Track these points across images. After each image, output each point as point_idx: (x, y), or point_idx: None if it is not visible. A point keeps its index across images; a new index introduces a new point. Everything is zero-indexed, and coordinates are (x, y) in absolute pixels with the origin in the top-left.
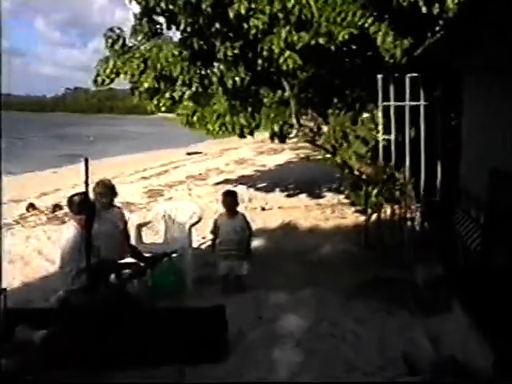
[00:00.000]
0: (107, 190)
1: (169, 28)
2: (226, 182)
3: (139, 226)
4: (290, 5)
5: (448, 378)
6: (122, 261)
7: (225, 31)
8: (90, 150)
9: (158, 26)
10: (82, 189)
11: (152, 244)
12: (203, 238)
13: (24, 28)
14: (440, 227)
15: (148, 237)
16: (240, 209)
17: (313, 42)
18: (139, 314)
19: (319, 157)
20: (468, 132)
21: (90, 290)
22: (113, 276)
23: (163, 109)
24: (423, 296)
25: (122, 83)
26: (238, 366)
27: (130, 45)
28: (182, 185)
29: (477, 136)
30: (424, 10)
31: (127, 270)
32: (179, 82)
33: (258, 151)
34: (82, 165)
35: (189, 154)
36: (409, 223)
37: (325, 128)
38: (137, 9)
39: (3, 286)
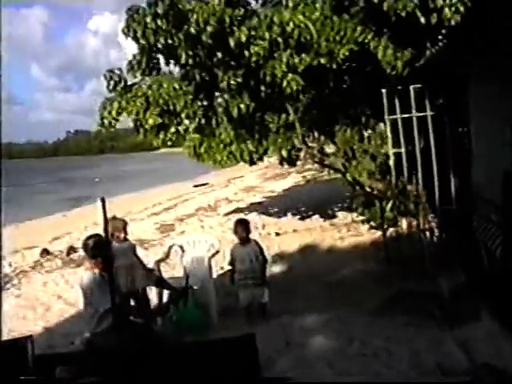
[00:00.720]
0: (120, 224)
1: (167, 63)
2: (237, 210)
3: (158, 262)
4: (289, 29)
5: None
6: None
7: (226, 60)
8: (97, 191)
9: (155, 61)
10: (93, 230)
11: (172, 278)
12: (221, 268)
13: (20, 76)
14: (459, 235)
15: (167, 272)
16: (254, 236)
17: (314, 63)
18: (168, 351)
19: (326, 177)
20: (477, 138)
21: (115, 331)
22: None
23: (169, 143)
24: (449, 307)
25: (123, 122)
26: None
27: (130, 83)
28: (193, 217)
29: (486, 141)
30: (422, 20)
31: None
32: (183, 116)
33: (263, 177)
34: (91, 206)
35: (196, 186)
36: (427, 234)
37: (328, 148)
38: (134, 47)
39: (28, 333)
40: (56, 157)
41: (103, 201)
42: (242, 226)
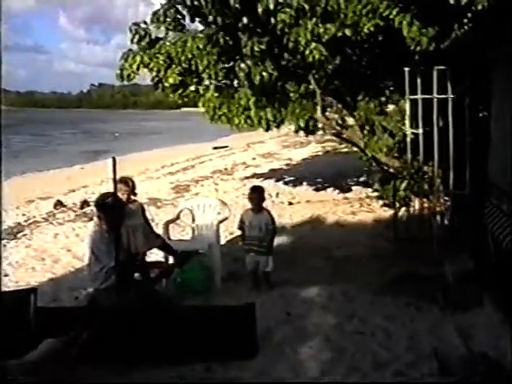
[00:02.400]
0: (127, 185)
1: (192, 21)
2: (253, 176)
3: (167, 223)
4: None
5: (480, 375)
6: (150, 251)
7: (252, 26)
8: (116, 145)
9: (180, 17)
10: (108, 185)
11: (179, 241)
12: (231, 234)
13: (48, 26)
14: (470, 221)
15: (175, 233)
16: (267, 203)
17: (339, 34)
18: (168, 313)
19: (346, 150)
20: (496, 125)
21: (119, 289)
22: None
23: (186, 100)
24: (453, 291)
25: (146, 78)
26: (267, 363)
27: (154, 37)
28: (209, 180)
29: (505, 129)
30: (452, 1)
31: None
32: (205, 76)
33: (283, 145)
34: (109, 162)
35: (215, 148)
36: (438, 217)
37: (350, 120)
38: (163, 1)
39: (35, 284)
40: (79, 108)
41: (114, 160)
42: (257, 193)
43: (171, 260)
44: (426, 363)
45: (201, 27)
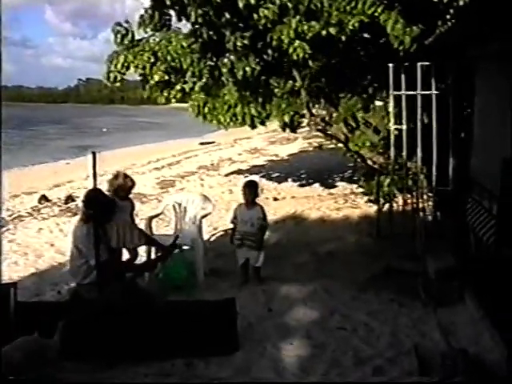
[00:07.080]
0: (127, 184)
1: (179, 20)
2: (238, 172)
3: (150, 218)
4: None
5: (458, 371)
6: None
7: (235, 21)
8: (104, 140)
9: (167, 18)
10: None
11: (163, 236)
12: (215, 229)
13: (35, 20)
14: (452, 217)
15: (159, 228)
16: None
17: (323, 32)
18: (150, 308)
19: (332, 146)
20: (479, 121)
21: (101, 284)
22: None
23: (173, 101)
24: (435, 287)
25: (134, 74)
26: (247, 359)
27: (138, 37)
28: (194, 175)
29: (488, 125)
30: None
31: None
32: (189, 74)
33: (270, 141)
34: (89, 157)
35: (202, 143)
36: (421, 213)
37: (336, 116)
38: (147, 1)
39: (14, 279)
40: (66, 103)
41: (94, 155)
42: (250, 189)
43: (153, 255)
44: (406, 359)
45: (188, 27)
